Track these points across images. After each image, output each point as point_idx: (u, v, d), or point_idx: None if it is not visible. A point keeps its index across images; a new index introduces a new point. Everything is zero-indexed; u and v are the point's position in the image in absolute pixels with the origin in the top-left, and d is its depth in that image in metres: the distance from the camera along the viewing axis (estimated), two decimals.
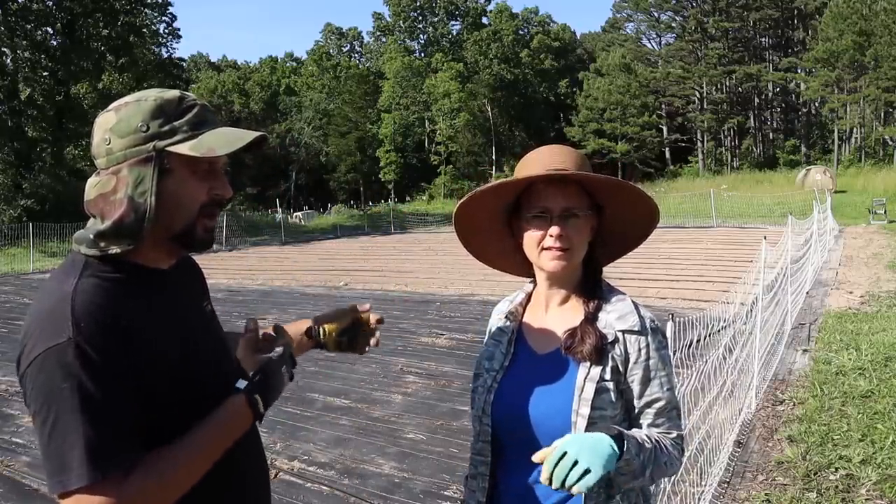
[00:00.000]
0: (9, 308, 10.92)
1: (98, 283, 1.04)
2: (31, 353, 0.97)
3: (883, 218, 21.05)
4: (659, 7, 54.91)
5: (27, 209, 24.54)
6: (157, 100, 1.09)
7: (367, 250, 20.11)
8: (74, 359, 0.95)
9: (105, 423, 0.96)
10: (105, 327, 0.99)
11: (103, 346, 0.98)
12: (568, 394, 1.26)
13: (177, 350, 1.09)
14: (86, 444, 0.94)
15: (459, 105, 49.64)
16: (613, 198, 1.33)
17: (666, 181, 45.00)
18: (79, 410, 0.94)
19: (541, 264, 1.32)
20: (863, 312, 7.73)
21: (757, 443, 4.08)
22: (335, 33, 67.63)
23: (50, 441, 0.95)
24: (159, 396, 1.04)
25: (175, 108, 1.09)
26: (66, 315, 0.98)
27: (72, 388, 0.95)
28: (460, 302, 9.75)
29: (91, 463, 0.93)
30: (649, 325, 1.30)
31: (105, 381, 0.97)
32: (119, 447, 0.97)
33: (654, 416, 1.29)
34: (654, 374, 1.28)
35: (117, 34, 31.25)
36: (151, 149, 1.07)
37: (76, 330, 0.97)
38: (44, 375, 0.96)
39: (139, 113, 1.08)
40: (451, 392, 5.38)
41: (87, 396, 0.95)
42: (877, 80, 39.96)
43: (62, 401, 0.94)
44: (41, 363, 0.96)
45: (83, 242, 1.08)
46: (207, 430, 1.06)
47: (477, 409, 1.36)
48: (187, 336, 1.14)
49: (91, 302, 1.01)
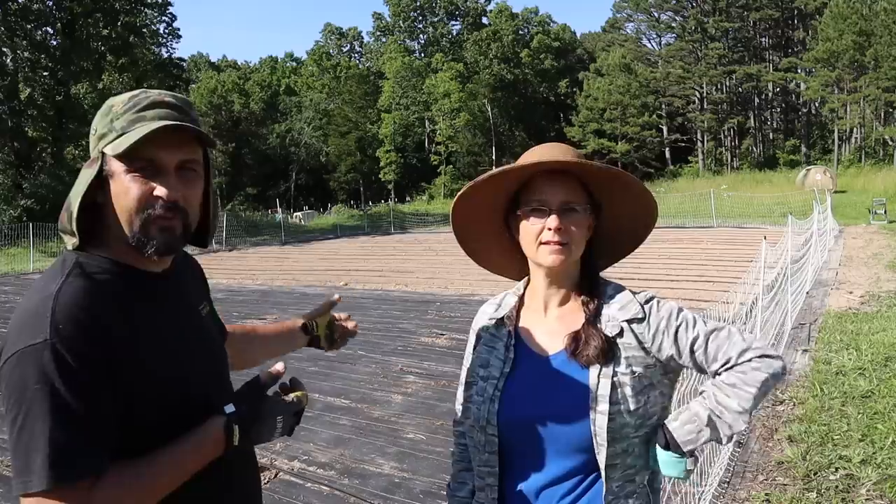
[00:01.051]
0: (9, 308, 10.92)
1: (83, 284, 1.01)
2: (8, 350, 0.96)
3: (883, 218, 21.04)
4: (659, 7, 54.93)
5: (27, 209, 24.56)
6: (112, 101, 1.08)
7: (367, 250, 20.11)
8: (49, 361, 0.93)
9: (73, 430, 0.93)
10: (85, 331, 0.96)
11: (81, 350, 0.95)
12: (582, 393, 1.22)
13: (163, 364, 1.06)
14: (50, 449, 0.91)
15: (459, 105, 49.65)
16: (612, 192, 1.31)
17: (666, 181, 45.01)
18: (48, 413, 0.92)
19: (539, 259, 1.29)
20: (863, 312, 7.73)
21: (757, 443, 4.08)
22: (335, 33, 67.63)
23: (18, 441, 0.93)
24: (138, 407, 1.01)
25: (122, 107, 1.06)
26: (46, 315, 0.96)
27: (43, 390, 0.92)
28: (460, 302, 9.75)
29: (53, 468, 0.91)
30: (645, 302, 1.29)
31: (78, 386, 0.94)
32: (85, 455, 0.94)
33: (705, 353, 1.23)
34: (671, 327, 1.25)
35: (117, 34, 31.28)
36: (98, 151, 1.06)
37: (54, 331, 0.94)
38: (17, 374, 0.94)
39: (98, 115, 1.09)
40: (451, 392, 5.35)
41: (57, 400, 0.92)
42: (877, 80, 39.98)
43: (33, 402, 0.92)
44: (16, 362, 0.94)
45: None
46: (182, 449, 1.03)
47: (479, 420, 1.30)
48: (178, 348, 1.11)
49: (73, 304, 0.98)
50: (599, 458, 1.21)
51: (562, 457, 1.24)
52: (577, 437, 1.22)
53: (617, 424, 1.20)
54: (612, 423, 1.20)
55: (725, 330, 1.25)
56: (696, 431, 1.22)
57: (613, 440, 1.20)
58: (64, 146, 30.80)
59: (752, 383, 1.19)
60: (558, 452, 1.24)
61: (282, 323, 1.61)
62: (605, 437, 1.20)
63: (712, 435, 1.23)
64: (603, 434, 1.20)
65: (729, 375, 1.22)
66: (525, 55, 56.15)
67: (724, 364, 1.23)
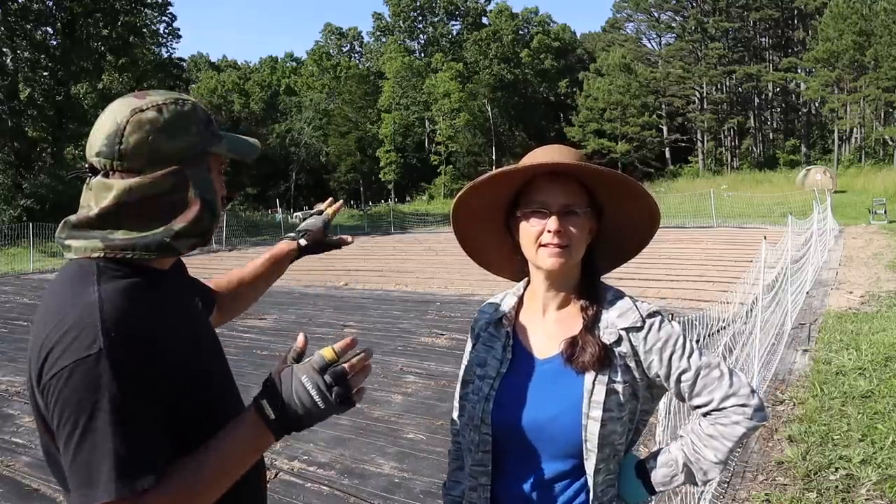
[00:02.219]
0: (9, 308, 10.91)
1: (119, 288, 1.01)
2: (57, 364, 0.94)
3: (883, 218, 21.04)
4: (659, 7, 54.93)
5: (27, 209, 24.56)
6: (195, 104, 1.11)
7: (367, 250, 20.10)
8: (106, 371, 0.92)
9: (135, 437, 0.94)
10: (133, 337, 0.97)
11: (133, 356, 0.95)
12: (576, 397, 1.23)
13: (192, 359, 1.08)
14: (115, 459, 0.91)
15: (459, 105, 49.66)
16: (614, 195, 1.30)
17: (666, 181, 45.01)
18: (109, 424, 0.92)
19: (538, 262, 1.28)
20: (863, 312, 7.73)
21: (757, 443, 4.08)
22: (335, 33, 67.64)
23: (76, 455, 0.93)
24: (181, 404, 1.02)
25: (207, 113, 1.14)
26: (96, 325, 0.95)
27: (102, 401, 0.92)
28: (460, 302, 9.74)
29: (120, 478, 0.91)
30: (647, 314, 1.27)
31: (135, 393, 0.94)
32: (147, 462, 0.94)
33: (691, 387, 1.23)
34: (666, 350, 1.24)
35: (117, 34, 31.29)
36: (202, 151, 1.10)
37: (107, 340, 0.94)
38: (70, 388, 0.92)
39: (185, 115, 1.08)
40: (451, 392, 5.33)
41: (117, 410, 0.92)
42: (877, 80, 39.99)
43: (91, 414, 0.92)
44: (69, 375, 0.93)
45: (101, 247, 1.04)
46: (224, 441, 1.03)
47: (473, 419, 1.31)
48: (197, 343, 1.12)
49: (119, 309, 0.98)
50: (588, 463, 1.22)
51: (553, 459, 1.25)
52: (568, 442, 1.23)
53: (607, 431, 1.21)
54: (604, 430, 1.21)
55: (717, 370, 1.24)
56: (671, 476, 1.27)
57: (602, 446, 1.22)
58: (64, 146, 30.80)
59: (730, 437, 1.21)
60: (550, 455, 1.25)
61: (264, 257, 1.67)
62: (596, 443, 1.21)
63: (686, 480, 1.27)
64: (594, 440, 1.21)
65: (708, 426, 1.23)
66: (525, 55, 56.15)
67: (705, 405, 1.24)
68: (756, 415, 1.21)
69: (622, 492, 1.28)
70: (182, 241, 1.07)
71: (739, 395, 1.21)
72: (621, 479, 1.28)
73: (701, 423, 1.25)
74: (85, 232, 1.05)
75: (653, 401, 1.32)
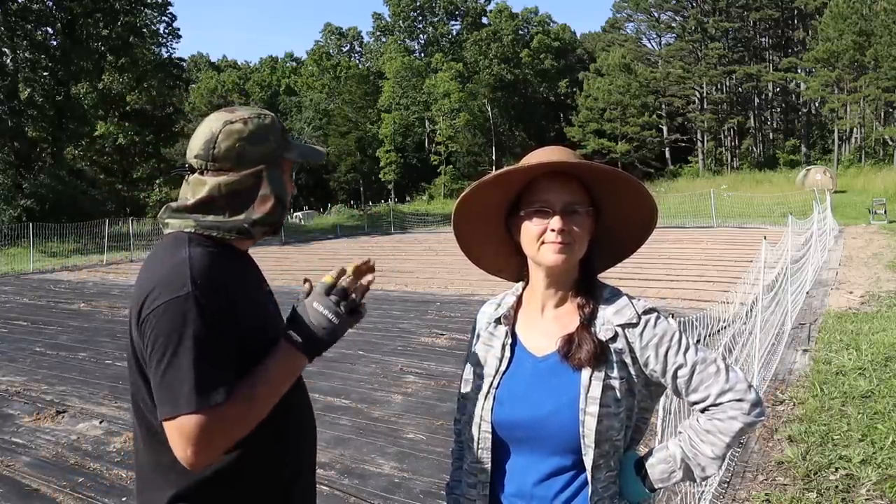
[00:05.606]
0: (9, 308, 10.90)
1: (206, 252, 1.27)
2: (155, 302, 1.19)
3: (883, 218, 21.03)
4: (659, 7, 54.92)
5: (27, 209, 24.57)
6: (273, 118, 1.38)
7: (367, 250, 20.10)
8: (192, 308, 1.17)
9: (212, 361, 1.17)
10: (215, 286, 1.22)
11: (213, 301, 1.20)
12: (573, 393, 1.24)
13: (254, 313, 1.32)
14: (196, 378, 1.14)
15: (459, 105, 49.60)
16: (613, 193, 1.31)
17: (666, 181, 44.99)
18: (191, 350, 1.15)
19: (540, 259, 1.30)
20: (863, 312, 7.73)
21: (757, 443, 4.08)
22: (335, 33, 67.59)
23: (164, 375, 1.16)
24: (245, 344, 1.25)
25: (283, 125, 1.40)
26: (186, 274, 1.20)
27: (188, 331, 1.16)
28: (460, 302, 9.75)
29: (199, 394, 1.14)
30: (643, 311, 1.29)
31: (214, 327, 1.18)
32: (221, 381, 1.17)
33: (687, 383, 1.24)
34: (662, 346, 1.25)
35: (117, 34, 31.29)
36: (277, 156, 1.36)
37: (195, 286, 1.19)
38: (165, 320, 1.17)
39: (266, 127, 1.35)
40: (451, 392, 5.37)
41: (199, 339, 1.16)
42: (877, 80, 39.98)
43: (179, 342, 1.16)
44: (164, 310, 1.17)
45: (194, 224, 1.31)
46: (268, 364, 1.26)
47: (474, 416, 1.33)
48: (263, 303, 1.40)
49: (205, 265, 1.24)
50: (586, 459, 1.23)
51: (552, 456, 1.27)
52: (566, 438, 1.24)
53: (604, 426, 1.23)
54: (600, 426, 1.22)
55: (713, 365, 1.25)
56: (669, 472, 1.28)
57: (600, 442, 1.23)
58: (64, 146, 30.79)
59: (727, 433, 1.22)
60: (549, 452, 1.27)
61: None
62: (593, 438, 1.22)
63: (685, 476, 1.28)
64: (591, 436, 1.22)
65: (705, 422, 1.24)
66: (525, 55, 56.11)
67: (701, 400, 1.24)
68: (753, 410, 1.21)
69: (623, 489, 1.29)
70: (257, 228, 1.34)
71: (736, 390, 1.22)
72: (622, 477, 1.29)
73: (698, 418, 1.26)
74: (182, 215, 1.32)
75: (651, 399, 1.33)
